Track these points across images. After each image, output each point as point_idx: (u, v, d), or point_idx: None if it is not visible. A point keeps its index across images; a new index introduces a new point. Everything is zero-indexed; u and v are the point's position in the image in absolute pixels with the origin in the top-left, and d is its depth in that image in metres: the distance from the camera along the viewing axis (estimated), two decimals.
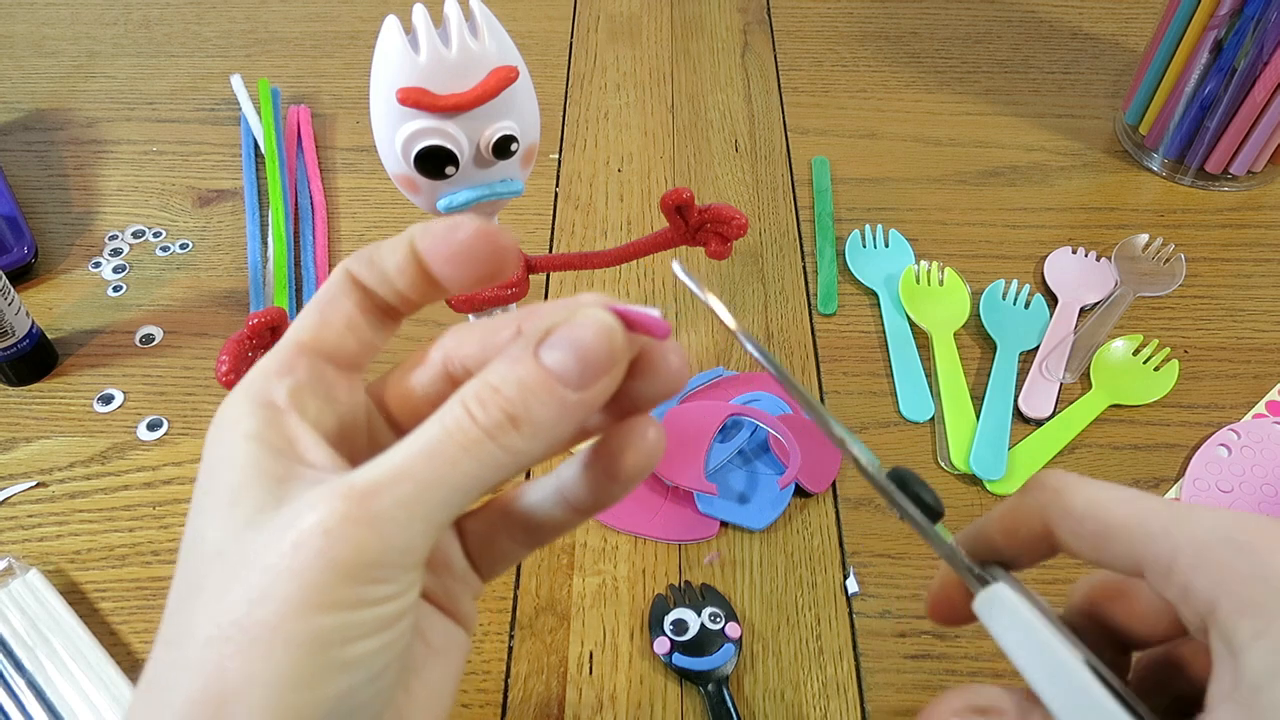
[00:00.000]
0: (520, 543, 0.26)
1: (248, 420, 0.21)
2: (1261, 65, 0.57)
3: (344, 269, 0.23)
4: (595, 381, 0.20)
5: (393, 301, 0.23)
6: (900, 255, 0.60)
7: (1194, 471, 0.49)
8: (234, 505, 0.20)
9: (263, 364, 0.22)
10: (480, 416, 0.20)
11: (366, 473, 0.19)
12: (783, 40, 0.77)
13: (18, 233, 0.60)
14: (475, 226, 0.22)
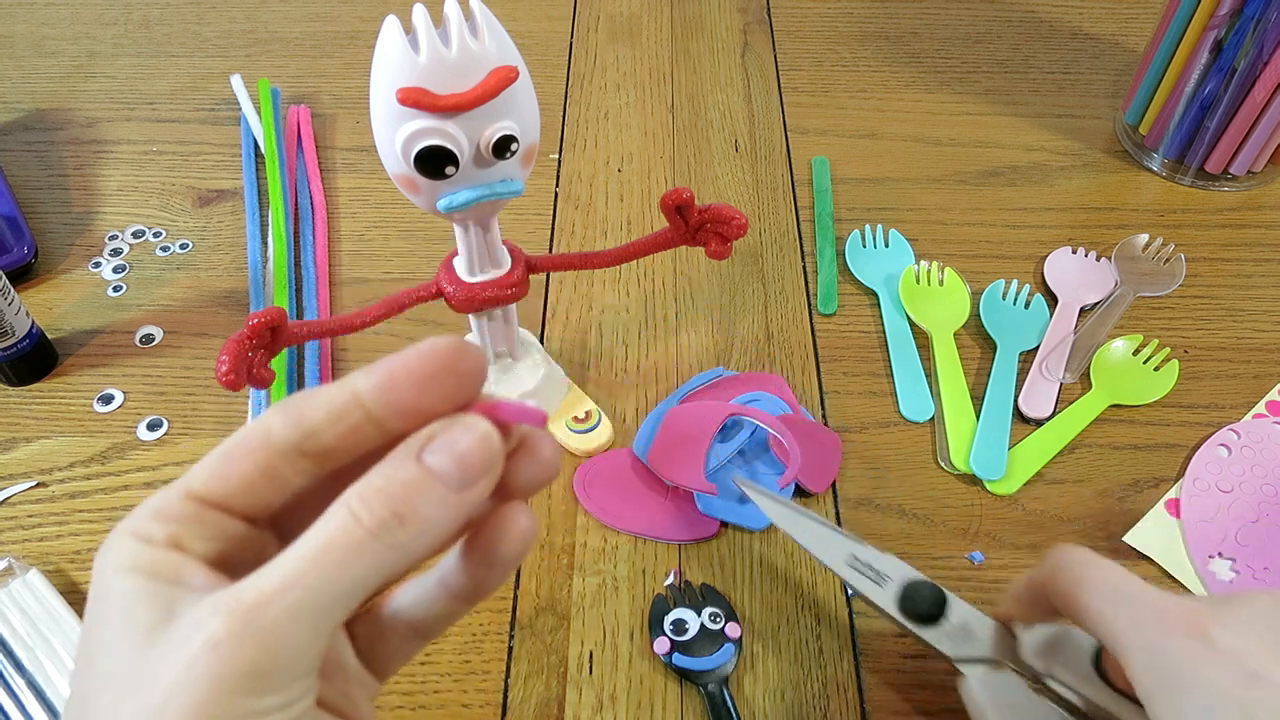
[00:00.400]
0: (410, 639, 0.26)
1: (128, 555, 0.21)
2: (1261, 65, 0.57)
3: (266, 426, 0.22)
4: (476, 482, 0.21)
5: (315, 455, 0.22)
6: (900, 255, 0.60)
7: (1194, 471, 0.49)
8: (125, 630, 0.20)
9: (148, 503, 0.22)
10: (365, 517, 0.20)
11: (253, 582, 0.20)
12: (783, 40, 0.77)
13: (18, 233, 0.60)
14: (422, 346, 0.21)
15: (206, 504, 0.22)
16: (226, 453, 0.22)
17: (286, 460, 0.22)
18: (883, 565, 0.39)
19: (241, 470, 0.22)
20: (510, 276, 0.43)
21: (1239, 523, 0.46)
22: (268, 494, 0.22)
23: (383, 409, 0.21)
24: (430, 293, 0.43)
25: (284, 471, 0.22)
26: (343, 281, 0.59)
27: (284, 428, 0.22)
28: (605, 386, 0.53)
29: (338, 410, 0.21)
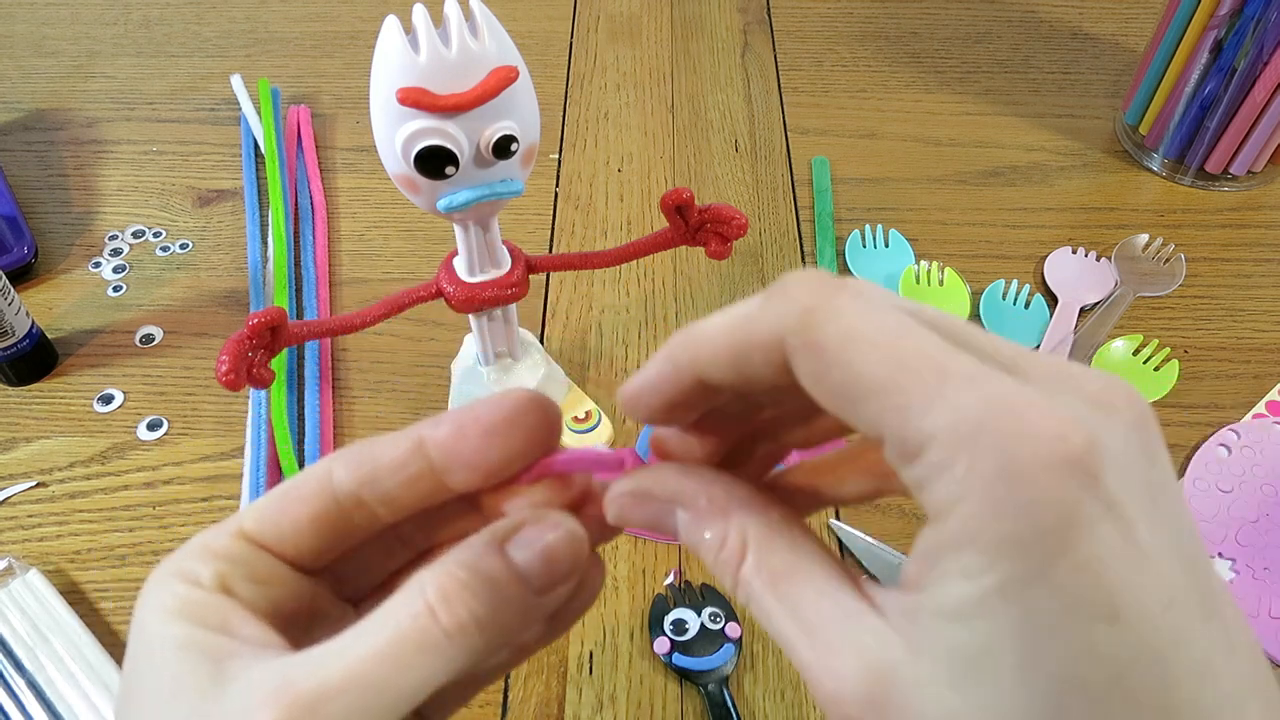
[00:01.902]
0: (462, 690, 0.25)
1: (174, 599, 0.20)
2: (1261, 65, 0.57)
3: (327, 470, 0.21)
4: (557, 587, 0.20)
5: (379, 511, 0.21)
6: (900, 255, 0.60)
7: (1194, 471, 0.49)
8: (175, 694, 0.19)
9: (197, 540, 0.21)
10: (444, 616, 0.19)
11: (312, 671, 0.18)
12: (783, 40, 0.77)
13: (18, 233, 0.60)
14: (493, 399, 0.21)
15: (258, 546, 0.21)
16: (284, 494, 0.21)
17: (346, 507, 0.21)
18: None
19: (297, 514, 0.21)
20: (510, 276, 0.43)
21: (1239, 523, 0.46)
22: (323, 541, 0.21)
23: (448, 460, 0.21)
24: (430, 293, 0.43)
25: (342, 519, 0.21)
26: (343, 281, 0.59)
27: (346, 473, 0.21)
28: (605, 386, 0.53)
29: (401, 459, 0.21)
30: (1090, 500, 0.15)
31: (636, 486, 0.21)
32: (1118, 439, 0.16)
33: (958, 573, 0.16)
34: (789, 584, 0.19)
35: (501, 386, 0.48)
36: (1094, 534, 0.15)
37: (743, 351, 0.18)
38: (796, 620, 0.18)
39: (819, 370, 0.17)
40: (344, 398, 0.53)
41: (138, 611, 0.20)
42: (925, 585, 0.17)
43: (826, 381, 0.17)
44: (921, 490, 0.16)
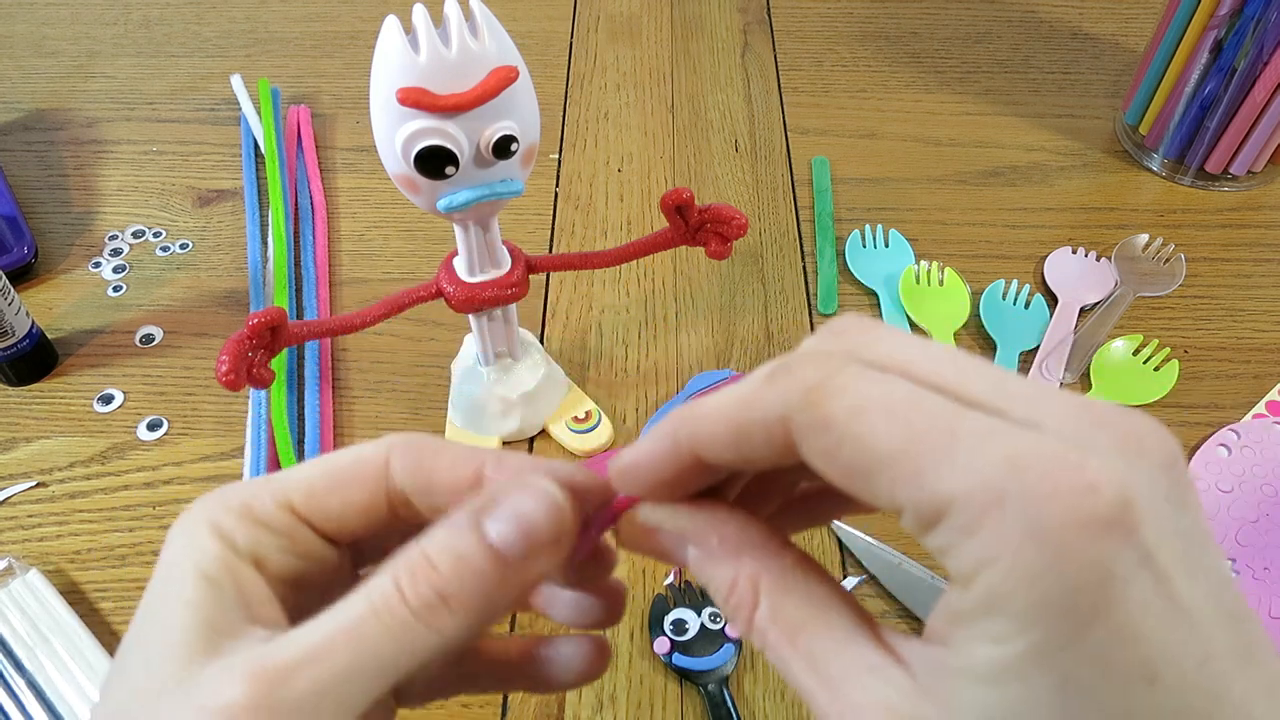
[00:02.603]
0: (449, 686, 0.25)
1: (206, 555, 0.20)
2: (1261, 65, 0.57)
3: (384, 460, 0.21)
4: (536, 558, 0.20)
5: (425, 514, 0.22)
6: (900, 255, 0.60)
7: (1194, 471, 0.49)
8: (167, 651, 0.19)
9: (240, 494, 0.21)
10: (410, 594, 0.19)
11: (282, 649, 0.18)
12: (783, 40, 0.77)
13: (18, 233, 0.60)
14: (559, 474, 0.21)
15: (301, 520, 0.21)
16: (335, 474, 0.21)
17: (394, 502, 0.21)
18: None
19: (350, 499, 0.21)
20: (510, 276, 0.43)
21: (1239, 523, 0.46)
22: (366, 527, 0.22)
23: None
24: (430, 293, 0.43)
25: (389, 511, 0.21)
26: (343, 281, 0.59)
27: (405, 475, 0.21)
28: (605, 386, 0.53)
29: (458, 485, 0.21)
30: (1125, 557, 0.14)
31: (647, 519, 0.21)
32: (1148, 485, 0.15)
33: (988, 638, 0.15)
34: (806, 635, 0.18)
35: (502, 386, 0.48)
36: (1129, 593, 0.14)
37: (744, 432, 0.18)
38: (816, 674, 0.18)
39: (828, 447, 0.17)
40: (344, 398, 0.53)
41: (166, 550, 0.21)
42: (953, 644, 0.16)
43: (837, 458, 0.17)
44: (945, 556, 0.16)
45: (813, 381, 0.17)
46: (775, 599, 0.19)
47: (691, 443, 0.19)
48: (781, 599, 0.19)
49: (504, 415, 0.48)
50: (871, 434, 0.16)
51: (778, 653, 0.19)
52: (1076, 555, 0.14)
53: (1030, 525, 0.14)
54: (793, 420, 0.17)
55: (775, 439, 0.17)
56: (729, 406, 0.18)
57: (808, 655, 0.18)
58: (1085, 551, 0.14)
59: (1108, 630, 0.14)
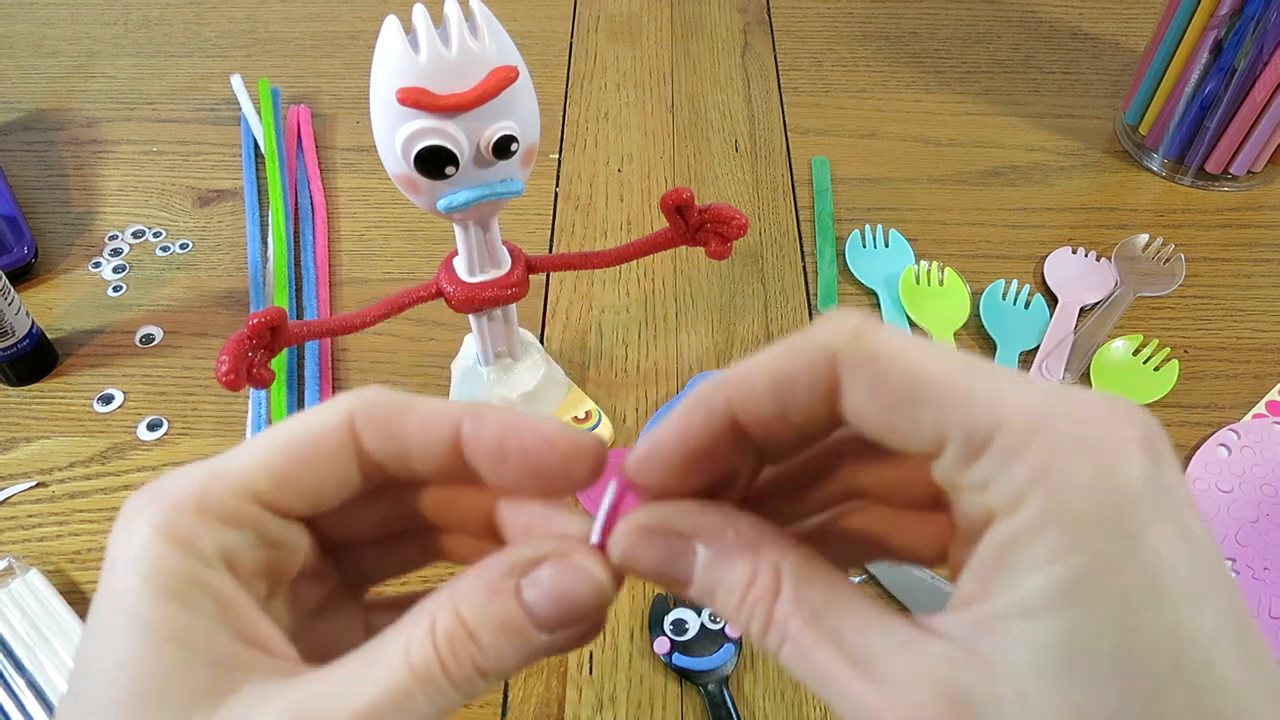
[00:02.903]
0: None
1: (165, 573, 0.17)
2: (1261, 65, 0.57)
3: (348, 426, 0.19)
4: (569, 630, 0.19)
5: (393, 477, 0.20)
6: (900, 255, 0.60)
7: (1194, 471, 0.49)
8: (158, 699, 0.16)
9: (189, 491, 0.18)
10: (453, 668, 0.18)
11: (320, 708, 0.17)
12: (783, 40, 0.77)
13: (18, 233, 0.60)
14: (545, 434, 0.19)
15: (268, 508, 0.19)
16: (297, 452, 0.19)
17: (366, 470, 0.20)
18: None
19: (317, 477, 0.19)
20: (510, 276, 0.43)
21: (1239, 523, 0.46)
22: (336, 500, 0.20)
23: (481, 466, 0.20)
24: (430, 293, 0.43)
25: (360, 480, 0.20)
26: (343, 281, 0.59)
27: (375, 443, 0.19)
28: (605, 386, 0.53)
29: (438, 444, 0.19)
30: (1164, 476, 0.15)
31: (652, 518, 0.19)
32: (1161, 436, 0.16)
33: (1039, 560, 0.15)
34: (832, 617, 0.18)
35: (502, 386, 0.48)
36: (1170, 509, 0.15)
37: (788, 377, 0.18)
38: (845, 655, 0.17)
39: (876, 377, 0.17)
40: None
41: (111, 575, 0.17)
42: (995, 590, 0.16)
43: (885, 387, 0.17)
44: (988, 487, 0.16)
45: (856, 322, 0.17)
46: (798, 585, 0.18)
47: (730, 402, 0.19)
48: (804, 586, 0.18)
49: None
50: (920, 363, 0.17)
51: (800, 641, 0.17)
52: (1125, 468, 0.15)
53: (1078, 441, 0.15)
54: (840, 354, 0.17)
55: (820, 381, 0.18)
56: (770, 356, 0.18)
57: (835, 638, 0.17)
58: (1134, 464, 0.15)
59: (1159, 539, 0.15)
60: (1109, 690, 0.15)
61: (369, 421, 0.19)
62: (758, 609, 0.18)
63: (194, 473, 0.19)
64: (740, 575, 0.19)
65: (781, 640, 0.18)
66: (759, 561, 0.19)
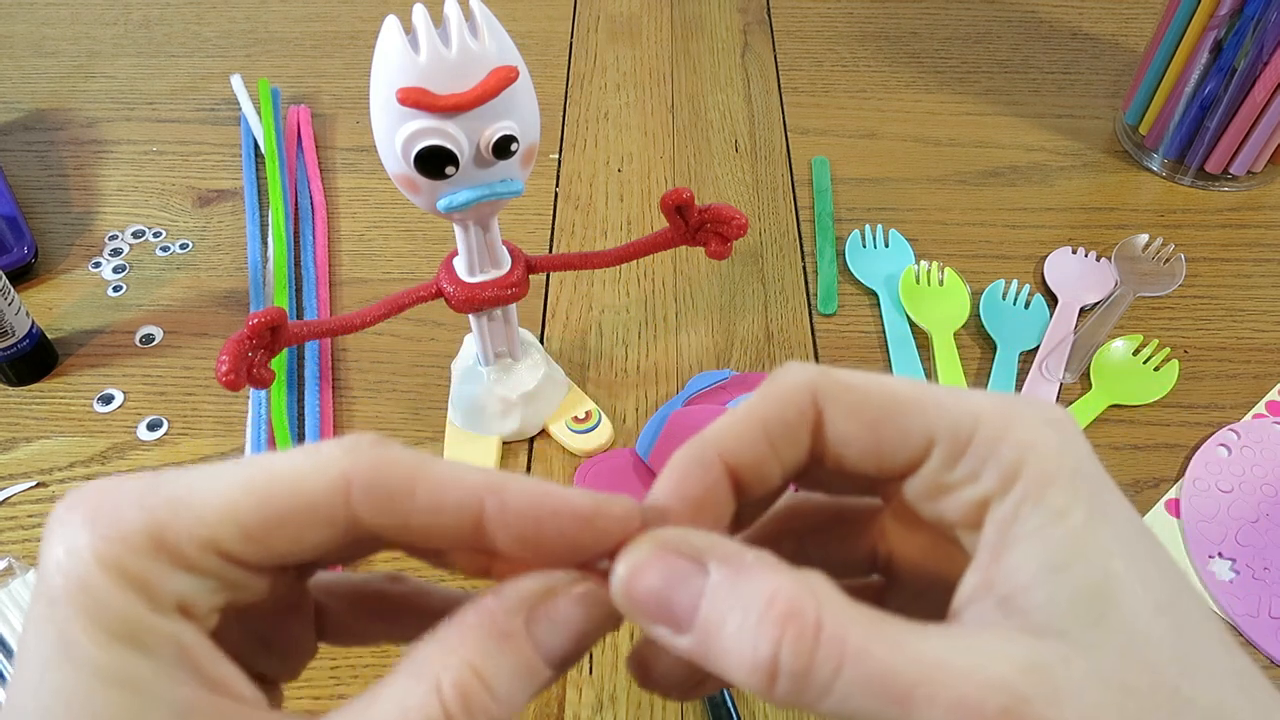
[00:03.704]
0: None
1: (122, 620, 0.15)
2: (1261, 65, 0.57)
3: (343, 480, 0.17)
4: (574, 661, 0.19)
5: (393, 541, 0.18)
6: (900, 255, 0.60)
7: (1194, 471, 0.49)
8: None
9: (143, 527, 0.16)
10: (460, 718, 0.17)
11: None
12: (783, 40, 0.77)
13: (18, 233, 0.60)
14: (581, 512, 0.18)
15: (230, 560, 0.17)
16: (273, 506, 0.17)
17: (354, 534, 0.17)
18: None
19: (293, 539, 0.17)
20: (510, 276, 0.43)
21: (1239, 523, 0.46)
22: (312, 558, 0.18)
23: (502, 544, 0.18)
24: (430, 293, 0.43)
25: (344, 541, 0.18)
26: (343, 281, 0.59)
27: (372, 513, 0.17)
28: (605, 386, 0.53)
29: (448, 521, 0.17)
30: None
31: (664, 537, 0.18)
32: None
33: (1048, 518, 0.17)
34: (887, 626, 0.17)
35: (502, 386, 0.48)
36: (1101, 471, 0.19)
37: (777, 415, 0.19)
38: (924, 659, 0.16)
39: (858, 401, 0.19)
40: (344, 398, 0.53)
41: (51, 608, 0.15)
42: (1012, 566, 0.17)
43: (867, 409, 0.19)
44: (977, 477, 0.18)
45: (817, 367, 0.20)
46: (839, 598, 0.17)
47: (722, 451, 0.19)
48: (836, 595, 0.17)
49: (504, 415, 0.48)
50: (892, 384, 0.19)
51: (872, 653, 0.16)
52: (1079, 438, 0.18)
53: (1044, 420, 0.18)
54: (820, 388, 0.19)
55: (806, 414, 0.19)
56: (753, 404, 0.20)
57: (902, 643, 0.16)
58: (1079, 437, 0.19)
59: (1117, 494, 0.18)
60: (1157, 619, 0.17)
61: (368, 493, 0.17)
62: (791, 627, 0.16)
63: (145, 497, 0.16)
64: (763, 589, 0.17)
65: (839, 661, 0.16)
66: (785, 576, 0.17)
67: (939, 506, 0.19)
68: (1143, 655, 0.16)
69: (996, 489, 0.18)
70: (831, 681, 0.16)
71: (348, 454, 0.17)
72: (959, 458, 0.18)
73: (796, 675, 0.16)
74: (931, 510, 0.20)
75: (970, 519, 0.18)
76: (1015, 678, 0.16)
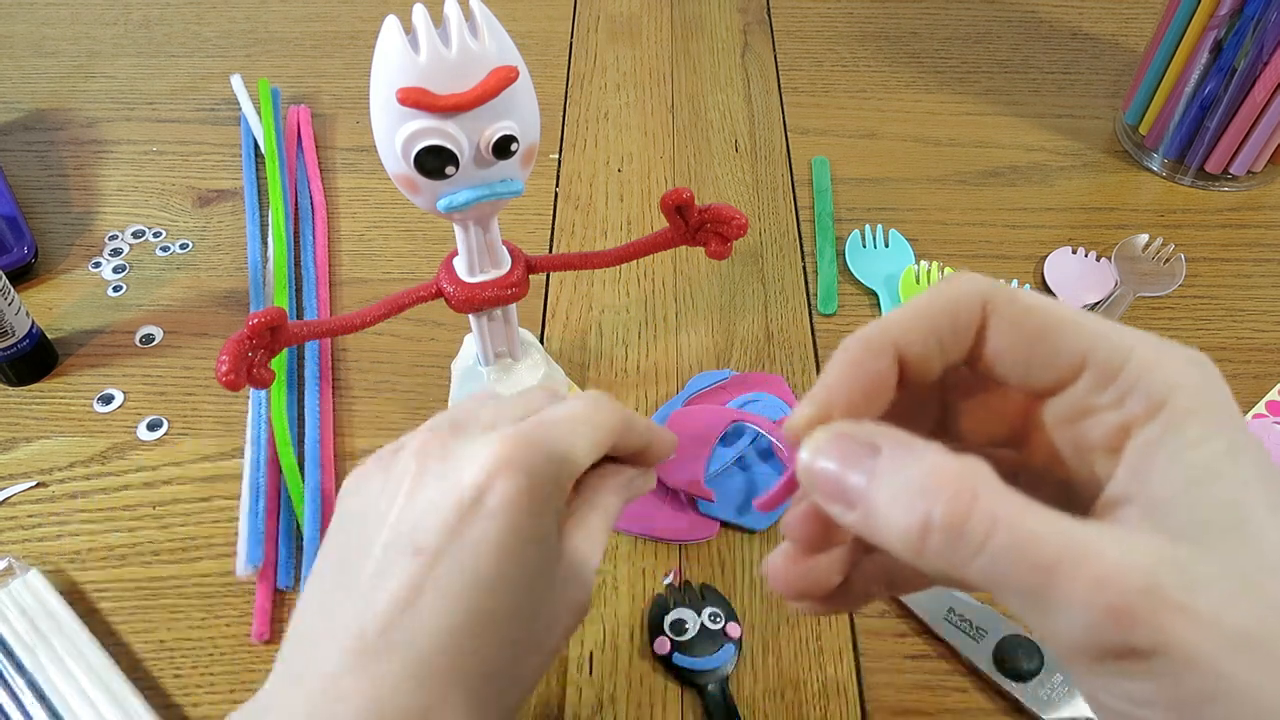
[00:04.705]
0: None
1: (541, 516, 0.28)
2: (1261, 65, 0.57)
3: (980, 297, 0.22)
4: None
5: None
6: (900, 255, 0.60)
7: None
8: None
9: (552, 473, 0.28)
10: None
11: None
12: (783, 40, 0.77)
13: (18, 233, 0.60)
14: None
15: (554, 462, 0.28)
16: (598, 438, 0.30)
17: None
18: (980, 619, 0.41)
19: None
20: (510, 276, 0.43)
21: None
22: None
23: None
24: (430, 293, 0.43)
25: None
26: (343, 281, 0.59)
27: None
28: (605, 386, 0.53)
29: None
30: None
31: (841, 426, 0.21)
32: None
33: (1192, 441, 0.19)
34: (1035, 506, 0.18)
35: (502, 386, 0.48)
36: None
37: (949, 313, 0.22)
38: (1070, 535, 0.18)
39: (1022, 317, 0.21)
40: (344, 398, 0.53)
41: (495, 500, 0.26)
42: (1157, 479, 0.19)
43: (1029, 325, 0.21)
44: (1123, 403, 0.20)
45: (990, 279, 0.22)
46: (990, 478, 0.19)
47: (894, 338, 0.22)
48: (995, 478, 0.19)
49: None
50: (1056, 308, 0.21)
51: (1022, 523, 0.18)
52: (1218, 379, 0.20)
53: (1190, 359, 0.20)
54: (991, 298, 0.22)
55: (974, 317, 0.22)
56: (925, 300, 0.22)
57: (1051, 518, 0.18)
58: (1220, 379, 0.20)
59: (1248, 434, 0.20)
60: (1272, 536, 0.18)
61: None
62: (945, 493, 0.18)
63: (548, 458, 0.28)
64: (929, 464, 0.19)
65: (991, 525, 0.18)
66: (948, 457, 0.19)
67: (1080, 428, 0.21)
68: (1269, 561, 0.18)
69: (1142, 415, 0.20)
70: (984, 542, 0.18)
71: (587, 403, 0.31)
72: (1109, 383, 0.20)
73: (950, 530, 0.18)
74: (1070, 434, 0.22)
75: (1111, 442, 0.20)
76: (1155, 566, 0.18)
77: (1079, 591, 0.17)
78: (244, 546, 0.45)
